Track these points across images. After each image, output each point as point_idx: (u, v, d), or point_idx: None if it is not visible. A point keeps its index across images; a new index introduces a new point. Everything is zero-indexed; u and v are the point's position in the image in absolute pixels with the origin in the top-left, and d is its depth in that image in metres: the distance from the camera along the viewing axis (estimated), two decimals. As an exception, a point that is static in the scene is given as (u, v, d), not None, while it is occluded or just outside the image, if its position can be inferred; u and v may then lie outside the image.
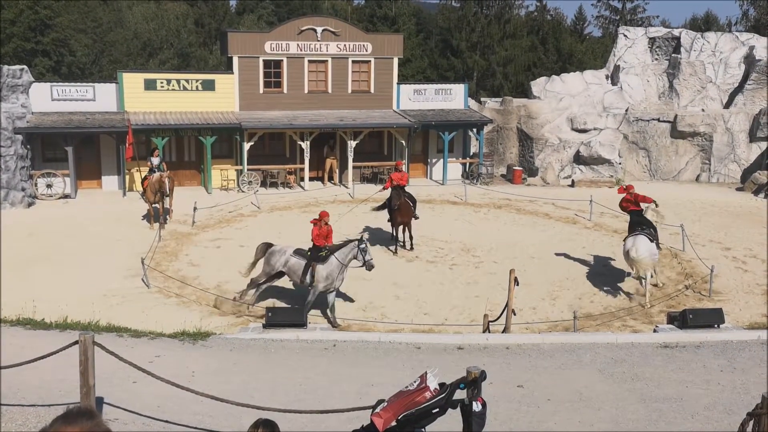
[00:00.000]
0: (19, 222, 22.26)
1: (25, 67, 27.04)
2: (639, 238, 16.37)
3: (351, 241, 15.20)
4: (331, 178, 30.50)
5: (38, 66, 40.89)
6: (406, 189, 20.65)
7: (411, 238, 20.28)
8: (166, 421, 7.53)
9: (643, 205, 17.55)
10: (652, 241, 16.30)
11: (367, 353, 10.08)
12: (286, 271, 15.17)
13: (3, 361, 7.95)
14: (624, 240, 17.18)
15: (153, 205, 22.09)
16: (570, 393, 8.75)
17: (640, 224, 16.80)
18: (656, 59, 35.73)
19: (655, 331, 11.64)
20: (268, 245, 15.68)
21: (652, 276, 16.94)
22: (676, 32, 36.10)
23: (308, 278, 14.73)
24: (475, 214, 25.28)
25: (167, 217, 22.52)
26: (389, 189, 20.57)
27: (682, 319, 11.40)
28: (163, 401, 7.92)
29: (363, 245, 14.81)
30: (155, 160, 24.01)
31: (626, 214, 17.82)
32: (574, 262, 19.41)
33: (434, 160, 32.32)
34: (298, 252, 15.19)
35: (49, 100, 27.08)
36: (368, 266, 14.74)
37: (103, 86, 28.30)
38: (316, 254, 14.82)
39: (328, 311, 14.71)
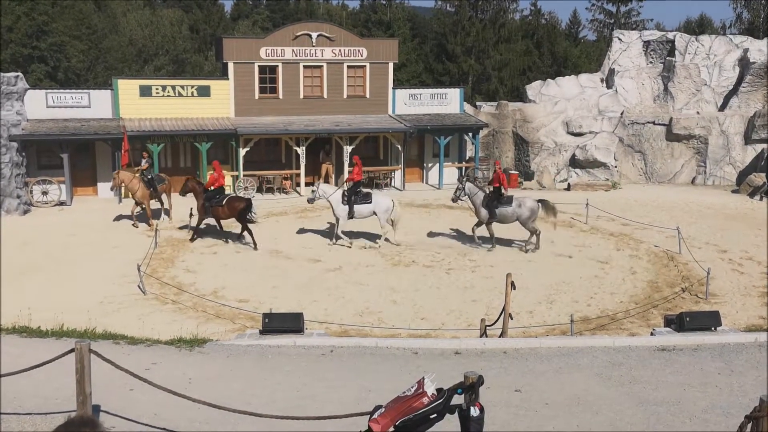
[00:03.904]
0: (14, 229, 22.21)
1: (20, 74, 27.01)
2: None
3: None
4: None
5: (35, 72, 40.90)
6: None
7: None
8: (163, 429, 7.50)
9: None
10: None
11: (365, 359, 10.05)
12: None
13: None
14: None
15: (142, 206, 22.67)
16: (568, 397, 8.74)
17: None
18: (651, 62, 35.84)
19: (652, 334, 11.62)
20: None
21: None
22: (670, 35, 36.24)
23: None
24: (471, 218, 25.23)
25: (150, 218, 23.06)
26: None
27: (679, 322, 11.39)
28: (159, 409, 7.89)
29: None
30: (143, 163, 24.09)
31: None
32: (570, 266, 19.43)
33: (430, 165, 32.36)
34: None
35: (44, 107, 27.04)
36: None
37: (98, 93, 28.28)
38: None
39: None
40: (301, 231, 22.67)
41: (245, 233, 20.98)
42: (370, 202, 21.14)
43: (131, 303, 15.81)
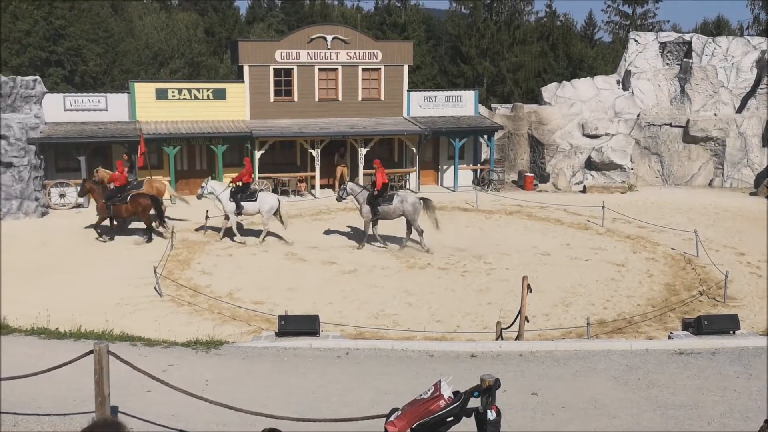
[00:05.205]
0: (32, 231, 22.41)
1: (38, 77, 27.23)
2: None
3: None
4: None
5: (52, 75, 41.24)
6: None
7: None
8: (180, 430, 7.53)
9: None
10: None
11: (380, 361, 10.05)
12: None
13: (18, 371, 7.98)
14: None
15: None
16: (585, 400, 8.70)
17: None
18: (667, 64, 35.62)
19: (669, 337, 11.54)
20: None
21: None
22: (687, 37, 35.99)
23: None
24: (486, 220, 25.24)
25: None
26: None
27: (697, 326, 11.30)
28: (177, 410, 7.93)
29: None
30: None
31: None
32: (586, 269, 19.34)
33: (445, 167, 32.31)
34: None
35: (61, 110, 27.28)
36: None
37: (115, 96, 28.49)
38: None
39: None
40: (316, 233, 22.70)
41: (151, 225, 21.62)
42: (256, 200, 21.70)
43: (148, 304, 15.89)
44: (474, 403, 5.35)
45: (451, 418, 5.25)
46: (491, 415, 5.39)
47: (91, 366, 7.14)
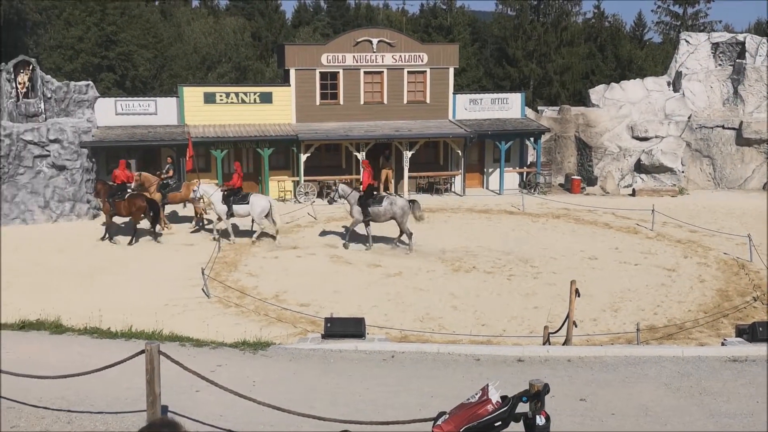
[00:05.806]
0: (84, 233, 22.95)
1: (90, 82, 27.89)
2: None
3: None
4: (386, 189, 30.54)
5: (104, 80, 42.22)
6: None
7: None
8: (229, 430, 7.60)
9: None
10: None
11: (426, 364, 10.01)
12: None
13: (72, 370, 8.16)
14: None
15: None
16: (635, 407, 8.53)
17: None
18: (720, 65, 34.83)
19: (723, 344, 11.26)
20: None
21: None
22: (740, 37, 35.14)
23: None
24: (533, 224, 25.00)
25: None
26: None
27: (751, 332, 11.01)
28: (225, 410, 8.01)
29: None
30: (168, 168, 24.83)
31: None
32: (635, 273, 19.01)
33: (491, 170, 32.12)
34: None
35: (113, 114, 27.89)
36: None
37: (164, 100, 29.01)
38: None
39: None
40: (361, 236, 22.76)
41: (136, 227, 21.82)
42: (247, 203, 21.90)
43: (196, 306, 16.12)
44: (522, 408, 5.28)
45: (499, 422, 5.19)
46: (540, 420, 5.32)
47: (142, 365, 7.25)
